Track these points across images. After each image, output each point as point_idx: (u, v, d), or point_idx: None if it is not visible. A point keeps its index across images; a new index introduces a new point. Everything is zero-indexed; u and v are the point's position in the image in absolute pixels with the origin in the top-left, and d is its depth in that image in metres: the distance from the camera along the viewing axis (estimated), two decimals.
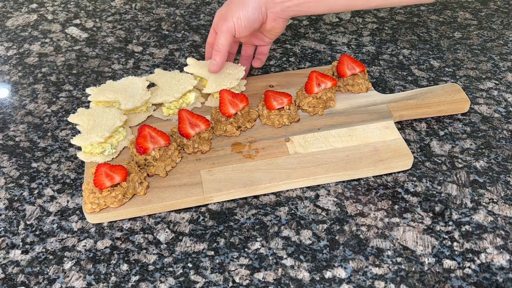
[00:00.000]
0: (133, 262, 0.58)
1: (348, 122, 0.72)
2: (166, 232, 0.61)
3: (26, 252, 0.60)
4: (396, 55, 0.87)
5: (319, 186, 0.66)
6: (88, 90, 0.72)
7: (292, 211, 0.63)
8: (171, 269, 0.57)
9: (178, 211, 0.63)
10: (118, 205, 0.61)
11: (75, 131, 0.76)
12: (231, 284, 0.55)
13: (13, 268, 0.58)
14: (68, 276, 0.57)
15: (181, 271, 0.57)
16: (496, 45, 0.89)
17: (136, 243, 0.60)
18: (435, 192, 0.64)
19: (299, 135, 0.70)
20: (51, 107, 0.80)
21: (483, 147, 0.70)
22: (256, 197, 0.65)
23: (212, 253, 0.59)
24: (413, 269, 0.56)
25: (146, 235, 0.61)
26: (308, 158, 0.67)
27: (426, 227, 0.60)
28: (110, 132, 0.66)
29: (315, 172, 0.65)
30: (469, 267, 0.56)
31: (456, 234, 0.59)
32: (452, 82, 0.81)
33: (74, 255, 0.59)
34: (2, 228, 0.63)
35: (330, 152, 0.67)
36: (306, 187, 0.65)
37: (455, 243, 0.58)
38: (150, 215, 0.63)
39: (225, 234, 0.61)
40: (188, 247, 0.59)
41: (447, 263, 0.57)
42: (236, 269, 0.57)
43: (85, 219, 0.63)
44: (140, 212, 0.62)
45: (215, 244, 0.60)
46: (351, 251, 0.58)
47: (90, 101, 0.72)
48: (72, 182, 0.68)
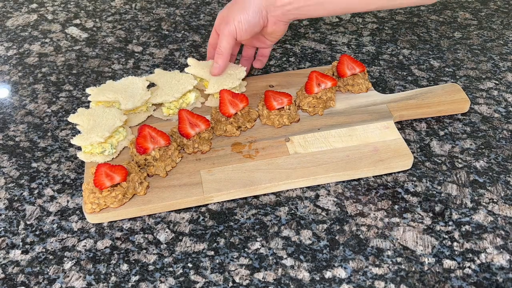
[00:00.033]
0: (133, 262, 0.58)
1: (348, 122, 0.72)
2: (166, 232, 0.61)
3: (26, 252, 0.60)
4: (396, 55, 0.87)
5: (319, 186, 0.66)
6: (88, 90, 0.72)
7: (292, 211, 0.63)
8: (171, 269, 0.57)
9: (178, 211, 0.63)
10: (118, 205, 0.61)
11: (75, 131, 0.76)
12: (231, 284, 0.55)
13: (13, 268, 0.58)
14: (68, 276, 0.57)
15: (181, 271, 0.57)
16: (496, 45, 0.89)
17: (136, 243, 0.60)
18: (435, 192, 0.64)
19: (299, 135, 0.70)
20: (51, 107, 0.80)
21: (483, 147, 0.70)
22: (256, 197, 0.65)
23: (212, 253, 0.59)
24: (413, 269, 0.56)
25: (146, 235, 0.61)
26: (308, 158, 0.67)
27: (426, 227, 0.60)
28: (110, 132, 0.66)
29: (315, 172, 0.65)
30: (469, 267, 0.56)
31: (456, 234, 0.59)
32: (452, 82, 0.81)
33: (74, 255, 0.59)
34: (2, 228, 0.62)
35: (330, 152, 0.67)
36: (306, 187, 0.65)
37: (455, 243, 0.58)
38: (150, 215, 0.63)
39: (225, 234, 0.61)
40: (188, 247, 0.59)
41: (447, 263, 0.57)
42: (236, 269, 0.57)
43: (85, 219, 0.63)
44: (140, 212, 0.62)
45: (215, 244, 0.59)
46: (351, 251, 0.58)
47: (90, 101, 0.72)
48: (72, 182, 0.68)
